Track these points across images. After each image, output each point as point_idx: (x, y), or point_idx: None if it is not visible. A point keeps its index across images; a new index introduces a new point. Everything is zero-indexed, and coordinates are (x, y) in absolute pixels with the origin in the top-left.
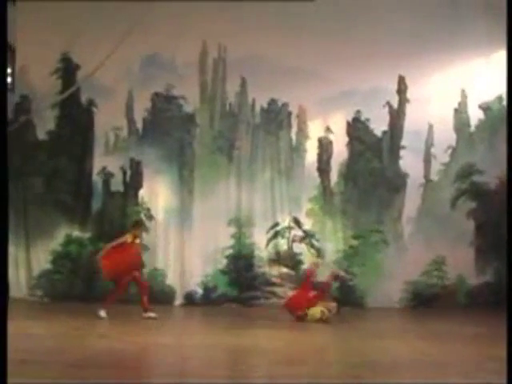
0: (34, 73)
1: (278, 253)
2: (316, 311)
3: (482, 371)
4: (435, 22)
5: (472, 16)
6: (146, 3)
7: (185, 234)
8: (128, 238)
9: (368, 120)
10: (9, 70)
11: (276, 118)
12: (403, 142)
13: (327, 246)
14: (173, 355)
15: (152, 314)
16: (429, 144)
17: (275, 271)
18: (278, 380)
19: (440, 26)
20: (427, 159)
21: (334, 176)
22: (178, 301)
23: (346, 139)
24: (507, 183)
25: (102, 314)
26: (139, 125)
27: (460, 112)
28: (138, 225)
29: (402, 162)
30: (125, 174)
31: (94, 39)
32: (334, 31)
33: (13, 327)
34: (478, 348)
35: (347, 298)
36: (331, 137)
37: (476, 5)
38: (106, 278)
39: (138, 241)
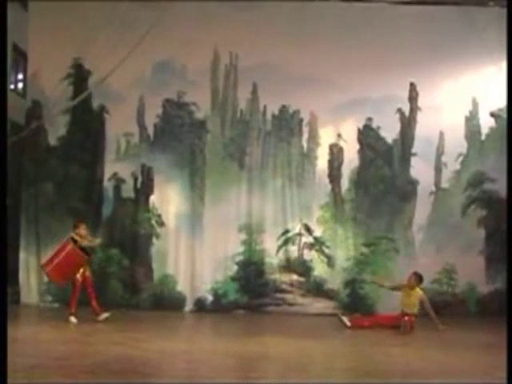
0: (46, 78)
1: (288, 260)
2: None
3: (492, 379)
4: (447, 30)
5: (484, 24)
6: (158, 10)
7: (195, 241)
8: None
9: (379, 127)
10: (20, 76)
11: (287, 124)
12: (414, 150)
13: (338, 253)
14: (182, 361)
15: (106, 314)
16: (440, 152)
17: (285, 278)
18: None
19: (452, 34)
20: (438, 167)
21: (344, 183)
22: (188, 307)
23: (357, 146)
24: (507, 188)
25: (73, 319)
26: (150, 131)
27: (471, 120)
28: (77, 226)
29: (412, 170)
30: (136, 180)
31: (105, 45)
32: (346, 39)
33: (23, 332)
34: (488, 356)
35: (357, 305)
36: (342, 144)
37: (488, 13)
38: (60, 284)
39: (79, 239)
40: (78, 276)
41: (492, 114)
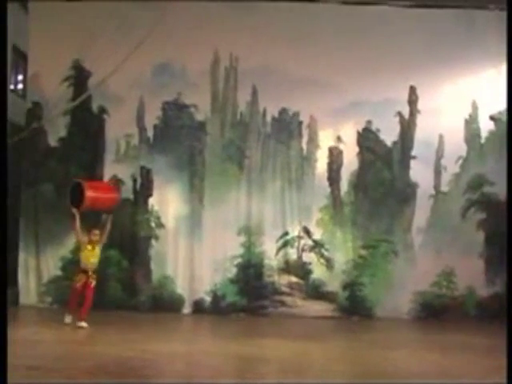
0: (46, 80)
1: (287, 262)
2: None
3: (490, 382)
4: (447, 33)
5: (484, 27)
6: (158, 12)
7: (194, 243)
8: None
9: (379, 130)
10: (20, 77)
11: (287, 127)
12: (414, 153)
13: (337, 255)
14: (181, 363)
15: (84, 324)
16: (439, 155)
17: (284, 280)
18: None
19: (452, 37)
20: (437, 170)
21: (344, 186)
22: (187, 309)
23: (357, 149)
24: (507, 191)
25: (67, 319)
26: (150, 133)
27: (471, 123)
28: (90, 231)
29: (412, 173)
30: (135, 181)
31: (105, 47)
32: (346, 42)
33: (21, 333)
34: (488, 359)
35: (356, 308)
36: (342, 147)
37: (488, 17)
38: (85, 206)
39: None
40: (79, 285)
41: (492, 117)
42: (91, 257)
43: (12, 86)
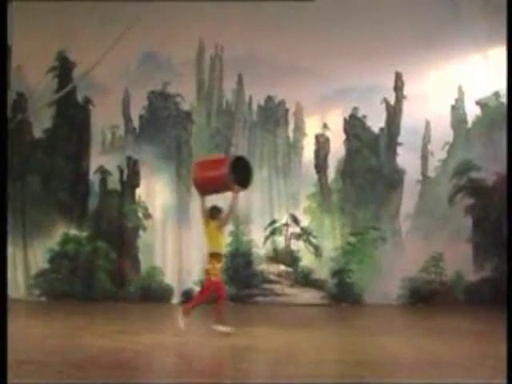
0: (30, 71)
1: (275, 250)
2: None
3: (481, 368)
4: (432, 19)
5: (470, 13)
6: (143, 2)
7: (182, 233)
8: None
9: (365, 117)
10: None
11: (273, 115)
12: (400, 139)
13: (325, 243)
14: (171, 354)
15: (224, 329)
16: (426, 140)
17: (273, 269)
18: (277, 379)
19: (437, 22)
20: (424, 156)
21: (331, 173)
22: (176, 299)
23: (343, 136)
24: (507, 180)
25: (181, 323)
26: (136, 123)
27: (457, 108)
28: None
29: (399, 159)
30: (122, 172)
31: (90, 37)
32: (332, 29)
33: (11, 327)
34: (476, 345)
35: (345, 295)
36: (328, 134)
37: (474, 3)
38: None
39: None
40: (215, 274)
41: (478, 103)
42: (223, 241)
43: None
